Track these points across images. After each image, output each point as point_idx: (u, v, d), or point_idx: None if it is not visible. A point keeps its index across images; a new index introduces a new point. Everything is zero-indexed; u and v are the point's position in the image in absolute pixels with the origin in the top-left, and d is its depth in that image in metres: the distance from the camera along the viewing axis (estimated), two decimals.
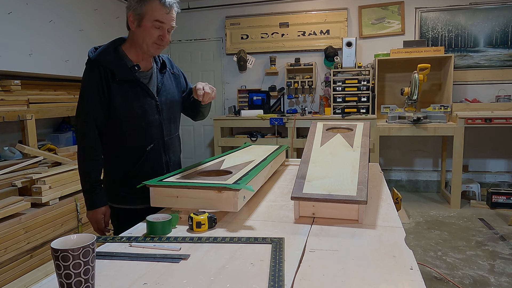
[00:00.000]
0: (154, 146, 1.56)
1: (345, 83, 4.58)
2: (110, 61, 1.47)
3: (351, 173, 1.36)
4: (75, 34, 3.82)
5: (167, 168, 1.62)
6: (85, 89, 1.48)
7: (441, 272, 2.69)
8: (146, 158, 1.55)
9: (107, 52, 1.49)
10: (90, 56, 1.49)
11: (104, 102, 1.47)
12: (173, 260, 0.97)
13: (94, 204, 1.50)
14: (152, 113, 1.53)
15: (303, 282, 0.84)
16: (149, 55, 1.54)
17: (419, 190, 4.99)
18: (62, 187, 2.69)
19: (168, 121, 1.61)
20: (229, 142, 4.82)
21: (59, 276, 0.74)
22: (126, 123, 1.50)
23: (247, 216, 1.31)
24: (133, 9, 1.44)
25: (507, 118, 3.92)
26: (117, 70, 1.46)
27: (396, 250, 1.00)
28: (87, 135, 1.48)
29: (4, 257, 2.19)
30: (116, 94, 1.47)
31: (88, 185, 1.50)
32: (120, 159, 1.55)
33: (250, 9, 5.26)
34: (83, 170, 1.50)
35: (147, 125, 1.53)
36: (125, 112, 1.49)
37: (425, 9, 4.73)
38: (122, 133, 1.52)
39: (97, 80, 1.45)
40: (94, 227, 1.53)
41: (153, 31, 1.44)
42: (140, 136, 1.53)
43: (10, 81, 2.75)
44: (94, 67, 1.46)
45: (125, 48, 1.53)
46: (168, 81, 1.63)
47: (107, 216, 1.54)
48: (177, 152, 1.72)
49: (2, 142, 3.05)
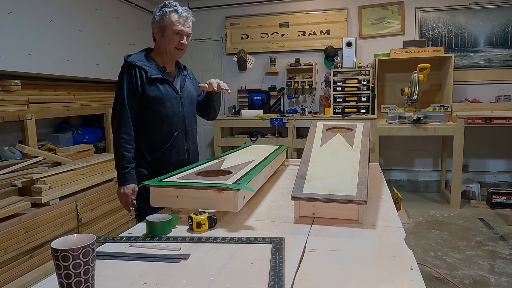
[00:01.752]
0: (178, 134, 1.84)
1: (345, 83, 4.58)
2: (143, 63, 1.78)
3: (351, 173, 1.36)
4: (75, 34, 3.82)
5: (187, 154, 1.90)
6: (122, 85, 1.74)
7: (441, 272, 2.69)
8: (172, 143, 1.82)
9: (140, 56, 1.81)
10: (126, 58, 1.78)
11: (138, 96, 1.75)
12: (173, 260, 0.97)
13: (126, 180, 1.71)
14: (177, 106, 1.83)
15: (303, 282, 0.84)
16: (172, 60, 1.86)
17: (419, 190, 4.99)
18: (62, 187, 2.69)
19: (189, 114, 1.90)
20: (229, 142, 4.82)
21: (59, 276, 0.74)
22: (156, 114, 1.78)
23: (247, 216, 1.31)
24: (157, 23, 1.77)
25: (507, 118, 3.92)
26: (149, 70, 1.76)
27: (396, 250, 1.00)
28: (123, 124, 1.73)
29: (4, 257, 2.19)
30: (149, 89, 1.76)
31: (121, 165, 1.72)
32: (151, 144, 1.81)
33: (250, 9, 5.26)
34: (119, 153, 1.72)
35: (174, 115, 1.82)
36: (156, 104, 1.77)
37: (425, 9, 4.73)
38: (153, 122, 1.79)
39: (132, 78, 1.73)
40: (123, 201, 1.74)
41: (174, 38, 1.76)
42: (168, 124, 1.81)
43: (10, 81, 2.75)
44: (130, 68, 1.75)
45: (153, 54, 1.85)
46: (188, 82, 1.94)
47: (135, 193, 1.74)
48: (195, 142, 2.00)
49: (2, 142, 3.05)
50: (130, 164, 1.73)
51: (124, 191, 1.72)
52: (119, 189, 1.75)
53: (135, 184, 1.74)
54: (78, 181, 2.86)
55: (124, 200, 1.74)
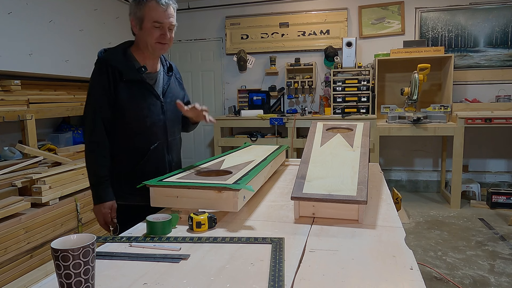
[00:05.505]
0: (157, 146, 1.60)
1: (345, 83, 4.58)
2: (119, 61, 1.52)
3: (351, 173, 1.36)
4: (75, 34, 3.82)
5: (169, 168, 1.66)
6: (93, 87, 1.52)
7: (441, 272, 2.69)
8: (149, 156, 1.58)
9: (116, 52, 1.55)
10: (99, 56, 1.54)
11: (111, 100, 1.51)
12: (173, 260, 0.97)
13: (102, 197, 1.51)
14: (157, 113, 1.58)
15: (303, 282, 0.84)
16: (155, 56, 1.60)
17: (419, 190, 4.99)
18: (62, 187, 2.69)
19: (172, 122, 1.66)
20: (229, 142, 4.82)
21: (59, 276, 0.74)
22: (131, 122, 1.54)
23: (247, 216, 1.31)
24: (133, 14, 1.51)
25: (507, 118, 3.92)
26: (124, 70, 1.51)
27: (396, 250, 1.00)
28: (94, 131, 1.51)
29: (4, 257, 2.19)
30: (123, 93, 1.51)
31: (95, 179, 1.52)
32: (125, 157, 1.57)
33: (250, 9, 5.25)
34: (91, 165, 1.53)
35: (152, 124, 1.57)
36: (131, 111, 1.53)
37: (425, 9, 4.73)
38: (128, 132, 1.55)
39: (105, 79, 1.49)
40: (101, 221, 1.53)
41: (153, 31, 1.49)
42: (145, 135, 1.57)
43: (10, 81, 2.75)
44: (103, 67, 1.50)
45: (133, 50, 1.58)
46: (174, 84, 1.69)
47: (113, 211, 1.54)
48: (178, 153, 1.77)
49: (2, 142, 3.05)
50: (105, 178, 1.51)
51: (101, 210, 1.51)
52: (95, 208, 1.53)
53: (113, 201, 1.53)
54: (78, 181, 2.86)
55: (102, 220, 1.52)
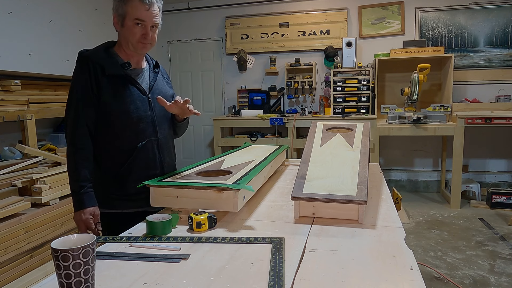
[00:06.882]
0: (146, 144, 1.50)
1: (345, 83, 4.58)
2: (101, 57, 1.45)
3: (351, 173, 1.36)
4: (75, 34, 3.82)
5: (161, 168, 1.56)
6: (75, 86, 1.44)
7: (441, 272, 2.69)
8: (137, 155, 1.48)
9: (97, 50, 1.49)
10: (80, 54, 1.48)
11: (94, 99, 1.43)
12: (173, 260, 0.97)
13: (83, 203, 1.40)
14: (144, 109, 1.49)
15: (303, 282, 0.84)
16: (138, 55, 1.53)
17: (419, 190, 4.99)
18: (62, 187, 2.69)
19: (161, 119, 1.57)
20: (229, 142, 4.82)
21: (59, 276, 0.74)
22: (117, 119, 1.45)
23: (247, 216, 1.31)
24: (115, 10, 1.45)
25: (507, 118, 3.92)
26: (107, 65, 1.44)
27: (396, 250, 1.00)
28: (76, 133, 1.43)
29: (4, 257, 2.19)
30: (106, 90, 1.43)
31: (76, 184, 1.41)
32: (111, 157, 1.49)
33: (250, 9, 5.25)
34: (72, 169, 1.43)
35: (139, 120, 1.48)
36: (116, 108, 1.45)
37: (425, 9, 4.73)
38: (113, 131, 1.47)
39: (86, 77, 1.42)
40: (82, 229, 1.40)
41: (135, 30, 1.42)
42: (132, 132, 1.48)
43: (10, 81, 2.75)
44: (84, 64, 1.43)
45: (116, 49, 1.52)
46: (162, 81, 1.62)
47: (96, 218, 1.42)
48: (172, 154, 1.66)
49: (2, 142, 3.05)
50: (86, 182, 1.41)
51: (81, 217, 1.39)
52: (75, 215, 1.41)
53: (95, 207, 1.42)
54: None
55: (83, 228, 1.39)
